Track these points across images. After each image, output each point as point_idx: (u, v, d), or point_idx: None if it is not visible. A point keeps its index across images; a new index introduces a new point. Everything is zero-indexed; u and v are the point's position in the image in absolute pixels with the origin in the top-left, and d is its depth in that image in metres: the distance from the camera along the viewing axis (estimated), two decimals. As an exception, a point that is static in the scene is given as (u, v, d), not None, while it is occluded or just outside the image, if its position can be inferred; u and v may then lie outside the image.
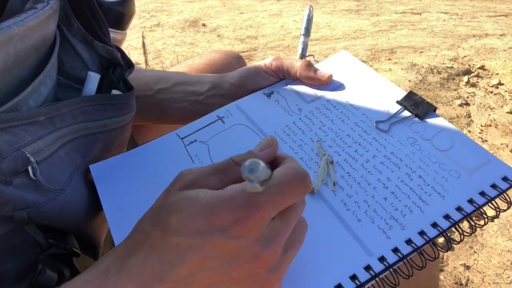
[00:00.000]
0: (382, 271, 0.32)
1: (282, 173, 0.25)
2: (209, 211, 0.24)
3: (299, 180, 0.25)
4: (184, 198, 0.25)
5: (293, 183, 0.25)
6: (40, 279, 0.34)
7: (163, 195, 0.27)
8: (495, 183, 0.36)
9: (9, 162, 0.29)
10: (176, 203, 0.25)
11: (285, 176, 0.25)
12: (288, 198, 0.25)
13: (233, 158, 0.28)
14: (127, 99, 0.41)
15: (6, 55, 0.29)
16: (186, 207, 0.24)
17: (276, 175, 0.25)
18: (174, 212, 0.24)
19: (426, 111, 0.42)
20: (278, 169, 0.26)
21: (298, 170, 0.26)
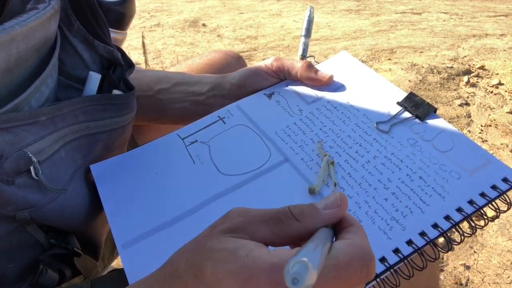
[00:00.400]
0: (383, 271, 0.32)
1: (343, 251, 0.21)
2: (246, 274, 0.20)
3: (360, 265, 0.21)
4: (224, 249, 0.21)
5: (353, 266, 0.21)
6: (41, 279, 0.34)
7: (207, 231, 0.24)
8: (495, 184, 0.36)
9: (12, 162, 0.29)
10: (215, 252, 0.22)
11: (346, 256, 0.21)
12: (342, 284, 0.21)
13: (292, 210, 0.24)
14: (128, 99, 0.41)
15: (8, 55, 0.29)
16: (223, 261, 0.21)
17: (334, 253, 0.21)
18: (210, 262, 0.21)
19: (426, 112, 0.43)
20: (338, 243, 0.22)
21: (363, 250, 0.21)
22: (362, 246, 0.22)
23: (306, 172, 0.40)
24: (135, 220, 0.38)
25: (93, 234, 0.43)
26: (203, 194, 0.39)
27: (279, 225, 0.23)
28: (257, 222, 0.23)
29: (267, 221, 0.23)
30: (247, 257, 0.20)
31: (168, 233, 0.37)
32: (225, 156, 0.43)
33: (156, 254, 0.35)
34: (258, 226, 0.23)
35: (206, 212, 0.38)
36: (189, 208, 0.38)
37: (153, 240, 0.36)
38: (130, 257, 0.35)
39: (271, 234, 0.23)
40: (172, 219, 0.38)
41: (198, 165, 0.42)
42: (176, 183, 0.41)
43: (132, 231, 0.37)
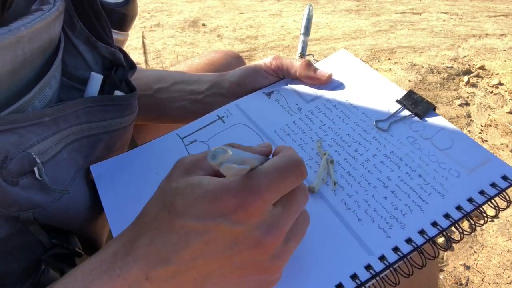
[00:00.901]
0: (382, 270, 0.32)
1: (277, 160, 0.26)
2: (212, 196, 0.24)
3: (293, 166, 0.26)
4: (189, 184, 0.26)
5: (288, 168, 0.26)
6: (43, 279, 0.34)
7: (165, 181, 0.28)
8: (494, 182, 0.36)
9: (16, 163, 0.29)
10: (181, 188, 0.26)
11: (280, 162, 0.26)
12: (285, 182, 0.26)
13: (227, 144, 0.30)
14: (130, 100, 0.41)
15: (14, 57, 0.29)
16: (190, 191, 0.25)
17: (271, 162, 0.26)
18: (179, 196, 0.25)
19: (425, 110, 0.43)
20: (273, 158, 0.27)
21: (292, 157, 0.27)
22: (291, 154, 0.27)
23: None
24: None
25: (94, 234, 0.43)
26: None
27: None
28: (203, 158, 0.28)
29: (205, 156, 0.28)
30: (209, 184, 0.25)
31: None
32: None
33: None
34: (205, 160, 0.28)
35: None
36: None
37: None
38: None
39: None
40: None
41: (197, 164, 0.42)
42: None
43: None
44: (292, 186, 0.27)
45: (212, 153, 0.22)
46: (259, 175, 0.25)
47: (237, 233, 0.25)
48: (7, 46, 0.28)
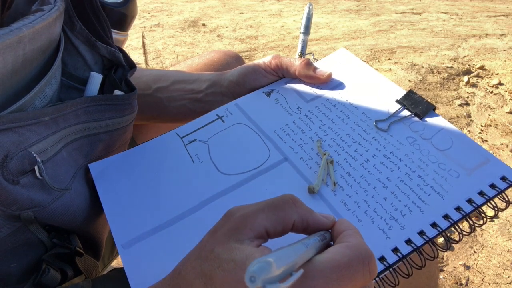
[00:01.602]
0: (382, 271, 0.32)
1: (339, 253, 0.21)
2: None
3: (360, 262, 0.21)
4: (232, 261, 0.22)
5: (352, 266, 0.21)
6: (44, 279, 0.35)
7: (209, 236, 0.25)
8: (494, 182, 0.36)
9: (17, 162, 0.29)
10: (223, 261, 0.22)
11: (343, 257, 0.21)
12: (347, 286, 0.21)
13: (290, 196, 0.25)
14: (129, 99, 0.41)
15: (15, 57, 0.29)
16: (233, 270, 0.22)
17: (331, 255, 0.21)
18: (219, 271, 0.22)
19: (425, 110, 0.42)
20: (335, 246, 0.22)
21: (360, 249, 0.22)
22: (358, 245, 0.22)
23: (306, 171, 0.40)
24: (134, 220, 0.38)
25: (94, 233, 0.43)
26: (203, 194, 0.39)
27: (276, 210, 0.24)
28: (255, 212, 0.24)
29: (264, 208, 0.24)
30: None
31: (168, 233, 0.36)
32: (224, 155, 0.43)
33: (156, 254, 0.35)
34: (256, 215, 0.24)
35: (205, 211, 0.38)
36: (188, 207, 0.38)
37: (153, 240, 0.36)
38: (130, 257, 0.35)
39: (268, 220, 0.24)
40: (171, 219, 0.37)
41: (197, 164, 0.42)
42: (175, 182, 0.41)
43: (131, 231, 0.37)
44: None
45: (250, 274, 0.16)
46: (314, 273, 0.20)
47: None
48: (8, 46, 0.28)
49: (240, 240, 0.23)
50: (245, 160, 0.42)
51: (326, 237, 0.25)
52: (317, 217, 0.25)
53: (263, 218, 0.24)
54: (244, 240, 0.23)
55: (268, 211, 0.24)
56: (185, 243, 0.26)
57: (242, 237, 0.23)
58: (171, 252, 0.35)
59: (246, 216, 0.24)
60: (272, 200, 0.25)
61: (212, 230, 0.25)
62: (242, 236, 0.23)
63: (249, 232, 0.23)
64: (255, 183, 0.40)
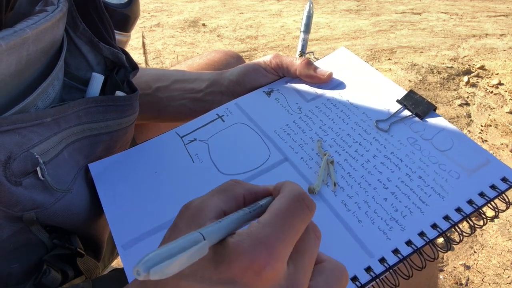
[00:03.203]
0: (382, 272, 0.32)
1: (277, 203, 0.23)
2: (220, 259, 0.21)
3: (296, 202, 0.23)
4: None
5: (291, 207, 0.23)
6: (44, 279, 0.35)
7: (170, 230, 0.25)
8: (494, 184, 0.36)
9: (20, 163, 0.29)
10: None
11: (281, 204, 0.23)
12: (294, 225, 0.22)
13: (233, 179, 0.27)
14: (131, 100, 0.41)
15: (19, 58, 0.29)
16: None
17: (272, 209, 0.23)
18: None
19: (426, 111, 0.42)
20: (272, 202, 0.24)
21: (292, 191, 0.24)
22: (289, 191, 0.24)
23: (306, 172, 0.40)
24: (134, 221, 0.38)
25: (95, 234, 0.43)
26: (203, 194, 0.39)
27: (224, 191, 0.26)
28: (207, 198, 0.25)
29: (215, 193, 0.26)
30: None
31: None
32: (224, 155, 0.42)
33: None
34: (209, 200, 0.25)
35: None
36: None
37: (153, 240, 0.36)
38: (130, 257, 0.35)
39: (221, 201, 0.25)
40: (172, 219, 0.37)
41: (197, 164, 0.42)
42: (175, 182, 0.41)
43: (131, 232, 0.37)
44: (303, 228, 0.23)
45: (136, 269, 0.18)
46: (264, 226, 0.22)
47: None
48: (12, 48, 0.28)
49: (201, 225, 0.23)
50: (245, 160, 0.42)
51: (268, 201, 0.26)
52: (262, 186, 0.27)
53: (216, 200, 0.25)
54: (205, 223, 0.23)
55: (219, 193, 0.26)
56: None
57: (203, 220, 0.24)
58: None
59: (201, 203, 0.25)
60: (218, 186, 0.27)
61: (172, 225, 0.26)
62: (203, 220, 0.24)
63: (208, 214, 0.24)
64: (255, 183, 0.39)
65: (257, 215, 0.24)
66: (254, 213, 0.24)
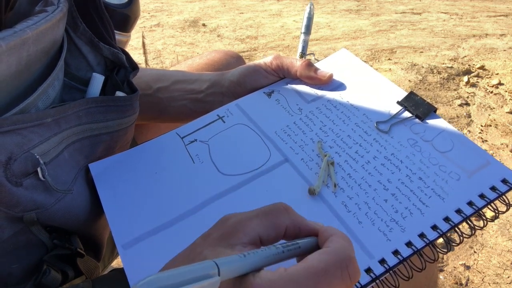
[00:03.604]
0: (382, 273, 0.32)
1: (316, 259, 0.21)
2: None
3: (338, 268, 0.21)
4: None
5: (330, 271, 0.21)
6: (44, 280, 0.35)
7: (202, 239, 0.25)
8: (494, 185, 0.36)
9: (20, 163, 0.29)
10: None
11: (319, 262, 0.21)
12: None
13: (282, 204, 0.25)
14: (131, 101, 0.41)
15: (19, 58, 0.29)
16: None
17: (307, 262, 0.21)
18: None
19: (426, 112, 0.42)
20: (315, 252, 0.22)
21: (338, 254, 0.21)
22: (337, 250, 0.22)
23: (306, 173, 0.40)
24: (135, 220, 0.38)
25: (96, 234, 0.43)
26: (203, 195, 0.39)
27: (268, 216, 0.24)
28: (248, 218, 0.24)
29: (257, 215, 0.24)
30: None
31: (168, 234, 0.36)
32: (224, 156, 0.43)
33: (157, 254, 0.35)
34: (249, 221, 0.24)
35: (206, 212, 0.38)
36: (189, 208, 0.38)
37: (153, 240, 0.36)
38: (130, 258, 0.35)
39: (261, 226, 0.24)
40: (172, 220, 0.37)
41: (197, 164, 0.42)
42: (176, 183, 0.41)
43: (132, 232, 0.37)
44: None
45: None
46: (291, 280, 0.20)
47: None
48: (12, 48, 0.27)
49: (232, 245, 0.23)
50: (246, 161, 0.42)
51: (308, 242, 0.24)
52: (309, 223, 0.25)
53: (256, 224, 0.24)
54: (236, 245, 0.23)
55: (261, 217, 0.24)
56: (185, 244, 0.26)
57: (235, 241, 0.23)
58: (171, 252, 0.35)
59: (240, 221, 0.24)
60: (264, 207, 0.25)
61: (205, 234, 0.25)
62: (235, 241, 0.23)
63: (242, 237, 0.23)
64: (256, 184, 0.39)
65: (291, 255, 0.23)
66: (288, 253, 0.22)
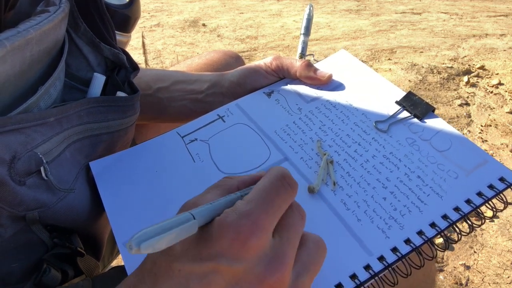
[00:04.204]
0: (381, 270, 0.32)
1: (261, 182, 0.25)
2: (208, 236, 0.23)
3: (278, 180, 0.25)
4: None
5: (273, 184, 0.25)
6: (44, 279, 0.35)
7: None
8: (492, 183, 0.36)
9: (24, 162, 0.30)
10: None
11: (264, 182, 0.25)
12: (276, 200, 0.24)
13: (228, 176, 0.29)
14: (132, 101, 0.41)
15: (23, 58, 0.29)
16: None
17: (256, 186, 0.25)
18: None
19: (425, 112, 0.43)
20: (257, 183, 0.26)
21: (275, 171, 0.26)
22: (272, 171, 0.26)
23: (306, 171, 0.40)
24: (135, 219, 0.38)
25: (96, 233, 0.43)
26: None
27: (219, 187, 0.28)
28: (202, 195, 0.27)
29: (209, 190, 0.27)
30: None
31: None
32: (225, 155, 0.43)
33: None
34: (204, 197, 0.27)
35: None
36: None
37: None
38: (131, 255, 0.35)
39: (216, 196, 0.27)
40: None
41: (198, 163, 0.42)
42: (176, 181, 0.41)
43: (133, 230, 0.37)
44: (286, 203, 0.25)
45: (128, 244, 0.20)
46: (249, 202, 0.24)
47: (237, 272, 0.22)
48: (16, 48, 0.28)
49: None
50: (246, 160, 0.42)
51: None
52: (254, 174, 0.29)
53: (211, 195, 0.27)
54: None
55: (212, 189, 0.27)
56: None
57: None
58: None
59: (197, 199, 0.26)
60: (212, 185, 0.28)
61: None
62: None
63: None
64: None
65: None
66: (244, 195, 0.26)
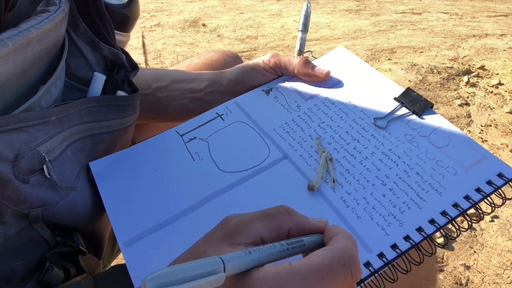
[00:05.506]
0: (381, 267, 0.32)
1: (320, 256, 0.22)
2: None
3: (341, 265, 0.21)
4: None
5: (333, 268, 0.21)
6: (47, 277, 0.35)
7: (205, 238, 0.25)
8: (490, 179, 0.36)
9: (27, 161, 0.30)
10: None
11: (323, 259, 0.21)
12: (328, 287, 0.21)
13: (282, 206, 0.26)
14: (132, 100, 0.41)
15: (24, 58, 0.29)
16: None
17: (311, 258, 0.22)
18: None
19: (423, 108, 0.43)
20: (320, 249, 0.23)
21: (342, 252, 0.22)
22: (341, 248, 0.22)
23: (305, 169, 0.40)
24: (136, 218, 0.38)
25: (97, 231, 0.43)
26: (203, 192, 0.39)
27: (271, 219, 0.25)
28: (251, 219, 0.25)
29: (260, 217, 0.25)
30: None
31: (169, 231, 0.37)
32: (224, 153, 0.43)
33: (158, 251, 0.35)
34: (252, 222, 0.24)
35: (206, 209, 0.38)
36: (189, 205, 0.38)
37: (154, 238, 0.36)
38: (132, 255, 0.35)
39: (264, 228, 0.24)
40: (173, 217, 0.38)
41: (197, 162, 0.42)
42: (175, 180, 0.41)
43: (133, 229, 0.37)
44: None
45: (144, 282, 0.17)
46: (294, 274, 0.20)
47: None
48: (18, 48, 0.28)
49: (234, 244, 0.23)
50: (245, 158, 0.42)
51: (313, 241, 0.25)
52: (312, 222, 0.26)
53: (259, 226, 0.24)
54: (239, 245, 0.23)
55: (263, 219, 0.25)
56: (186, 241, 0.26)
57: (238, 241, 0.23)
58: (172, 249, 0.35)
59: (243, 222, 0.24)
60: (267, 209, 0.26)
61: (207, 234, 0.25)
62: (238, 240, 0.23)
63: (245, 237, 0.24)
64: (255, 181, 0.40)
65: (295, 252, 0.23)
66: (292, 250, 0.23)
